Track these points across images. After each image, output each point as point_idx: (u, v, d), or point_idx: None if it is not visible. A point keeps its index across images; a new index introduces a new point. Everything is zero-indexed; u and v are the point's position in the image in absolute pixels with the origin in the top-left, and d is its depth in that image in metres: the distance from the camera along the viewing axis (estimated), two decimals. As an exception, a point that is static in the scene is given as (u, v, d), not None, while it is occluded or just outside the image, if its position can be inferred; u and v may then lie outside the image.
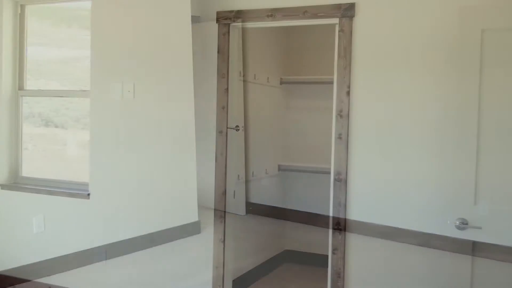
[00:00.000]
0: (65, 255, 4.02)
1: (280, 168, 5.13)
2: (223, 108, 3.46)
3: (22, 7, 4.33)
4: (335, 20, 3.18)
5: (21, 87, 4.36)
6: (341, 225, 3.16)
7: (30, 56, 4.44)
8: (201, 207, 3.64)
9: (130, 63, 3.75)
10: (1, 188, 4.24)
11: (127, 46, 3.76)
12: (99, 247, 3.83)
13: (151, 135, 3.69)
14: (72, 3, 4.41)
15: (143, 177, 3.72)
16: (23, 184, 4.26)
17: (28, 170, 4.41)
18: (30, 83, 4.43)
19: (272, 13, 3.31)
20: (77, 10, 4.54)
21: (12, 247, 4.24)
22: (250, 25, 3.45)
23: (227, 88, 3.47)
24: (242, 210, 4.32)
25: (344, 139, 3.14)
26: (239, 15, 3.40)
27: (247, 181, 4.45)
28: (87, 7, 4.19)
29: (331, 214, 3.22)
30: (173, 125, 3.62)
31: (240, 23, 3.44)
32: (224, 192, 3.47)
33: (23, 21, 4.34)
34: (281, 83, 5.14)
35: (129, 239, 3.79)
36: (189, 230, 3.63)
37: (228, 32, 3.46)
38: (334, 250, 3.20)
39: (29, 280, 4.17)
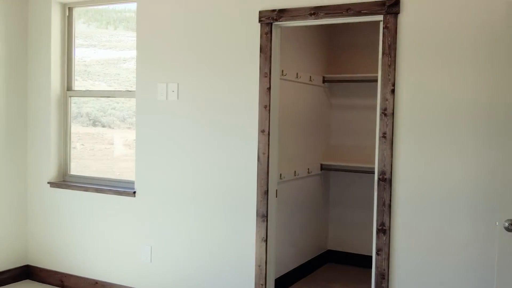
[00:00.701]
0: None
1: (322, 168, 5.10)
2: (265, 107, 3.46)
3: (70, 9, 4.45)
4: (379, 17, 3.13)
5: (69, 88, 4.49)
6: (385, 226, 3.11)
7: (77, 58, 4.57)
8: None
9: (175, 64, 3.80)
10: (50, 186, 4.38)
11: (171, 47, 3.81)
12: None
13: (196, 134, 3.73)
14: (118, 5, 4.51)
15: (188, 175, 3.77)
16: (71, 182, 4.39)
17: (76, 168, 4.54)
18: (78, 84, 4.56)
19: (315, 11, 3.28)
20: (123, 12, 4.64)
21: (60, 242, 4.37)
22: (292, 23, 3.44)
23: (270, 87, 3.46)
24: (284, 209, 4.32)
25: (388, 138, 3.08)
26: (281, 14, 3.39)
27: (289, 181, 4.44)
28: (132, 9, 4.28)
29: (375, 214, 3.17)
30: (218, 125, 3.64)
31: (282, 22, 3.43)
32: (266, 192, 3.47)
33: (71, 24, 4.47)
34: (324, 81, 5.10)
35: (175, 235, 3.84)
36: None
37: (271, 31, 3.45)
38: (378, 251, 3.15)
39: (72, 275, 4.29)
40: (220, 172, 3.64)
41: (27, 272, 4.54)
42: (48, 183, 4.39)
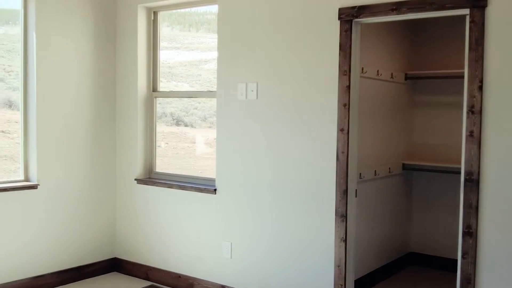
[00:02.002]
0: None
1: (405, 167, 4.96)
2: (344, 106, 3.42)
3: (155, 13, 4.64)
4: (465, 11, 2.99)
5: (154, 89, 4.67)
6: (472, 228, 2.97)
7: (162, 60, 4.75)
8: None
9: (254, 64, 3.85)
10: (137, 183, 4.59)
11: (251, 47, 3.86)
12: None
13: (275, 133, 3.76)
14: (200, 8, 4.63)
15: (267, 174, 3.81)
16: (156, 179, 4.58)
17: (160, 166, 4.72)
18: (163, 85, 4.74)
19: (397, 7, 3.20)
20: (204, 14, 4.77)
21: (145, 236, 4.57)
22: (373, 20, 3.37)
23: (349, 85, 3.42)
24: (364, 209, 4.24)
25: (476, 136, 2.94)
26: (361, 10, 3.33)
27: (369, 180, 4.36)
28: (213, 11, 4.39)
29: (460, 216, 3.04)
30: (296, 124, 3.65)
31: (363, 19, 3.37)
32: (346, 191, 3.43)
33: (156, 27, 4.65)
34: (406, 78, 4.95)
35: (254, 232, 3.90)
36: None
37: (350, 28, 3.41)
38: (464, 255, 3.02)
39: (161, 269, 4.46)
40: (299, 170, 3.65)
41: (114, 264, 4.79)
42: (135, 180, 4.60)
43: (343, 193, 3.45)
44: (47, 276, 4.26)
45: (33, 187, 4.14)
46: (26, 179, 4.22)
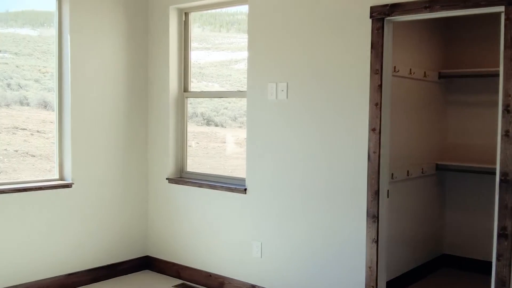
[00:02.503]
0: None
1: (438, 168, 4.87)
2: (376, 105, 3.38)
3: (186, 14, 4.68)
4: (500, 8, 2.91)
5: (186, 89, 4.72)
6: (507, 230, 2.90)
7: (193, 60, 4.79)
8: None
9: (284, 64, 3.84)
10: (168, 182, 4.64)
11: (281, 46, 3.86)
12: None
13: (305, 133, 3.74)
14: (230, 8, 4.65)
15: (297, 174, 3.80)
16: (187, 178, 4.62)
17: (191, 165, 4.77)
18: (193, 85, 4.78)
19: (430, 4, 3.15)
20: (235, 14, 4.79)
21: (176, 234, 4.61)
22: (405, 18, 3.32)
23: (381, 84, 3.38)
24: (396, 210, 4.19)
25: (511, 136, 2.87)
26: (394, 8, 3.29)
27: (402, 181, 4.30)
28: (244, 11, 4.41)
29: (496, 218, 2.97)
30: (327, 123, 3.63)
31: (395, 17, 3.33)
32: (377, 191, 3.39)
33: (187, 28, 4.69)
34: (440, 77, 4.86)
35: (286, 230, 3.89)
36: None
37: (382, 27, 3.37)
38: (498, 257, 2.95)
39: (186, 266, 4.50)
40: (329, 170, 3.63)
41: (146, 262, 4.86)
42: (166, 179, 4.65)
43: (374, 193, 3.41)
44: (80, 273, 4.35)
45: (68, 186, 4.23)
46: (61, 178, 4.32)
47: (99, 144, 4.45)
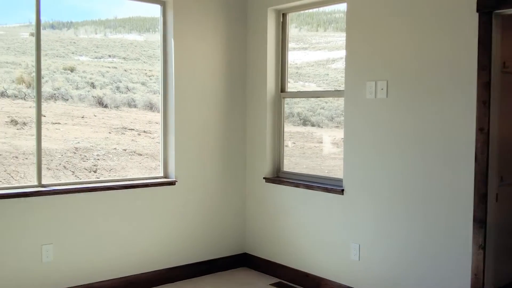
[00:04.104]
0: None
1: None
2: (484, 103, 3.19)
3: (284, 15, 4.71)
4: None
5: (282, 90, 4.75)
6: None
7: (290, 61, 4.81)
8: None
9: (384, 61, 3.75)
10: (265, 181, 4.70)
11: (380, 43, 3.77)
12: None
13: (406, 132, 3.63)
14: (327, 7, 4.62)
15: (397, 175, 3.69)
16: (284, 178, 4.65)
17: (288, 165, 4.79)
18: (290, 86, 4.81)
19: (545, -6, 2.92)
20: (332, 13, 4.75)
21: (273, 233, 4.66)
22: (517, 10, 3.11)
23: (489, 81, 3.19)
24: (506, 215, 3.93)
25: None
26: (502, 1, 3.09)
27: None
28: (341, 10, 4.36)
29: None
30: (429, 122, 3.49)
31: (504, 10, 3.12)
32: (485, 195, 3.20)
33: (284, 28, 4.73)
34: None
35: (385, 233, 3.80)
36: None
37: (490, 20, 3.18)
38: None
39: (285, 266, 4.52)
40: (431, 172, 3.48)
41: (244, 259, 4.96)
42: (263, 178, 4.72)
43: (481, 197, 3.22)
44: (180, 268, 4.53)
45: (172, 183, 4.43)
46: (165, 176, 4.53)
47: (201, 143, 4.61)
